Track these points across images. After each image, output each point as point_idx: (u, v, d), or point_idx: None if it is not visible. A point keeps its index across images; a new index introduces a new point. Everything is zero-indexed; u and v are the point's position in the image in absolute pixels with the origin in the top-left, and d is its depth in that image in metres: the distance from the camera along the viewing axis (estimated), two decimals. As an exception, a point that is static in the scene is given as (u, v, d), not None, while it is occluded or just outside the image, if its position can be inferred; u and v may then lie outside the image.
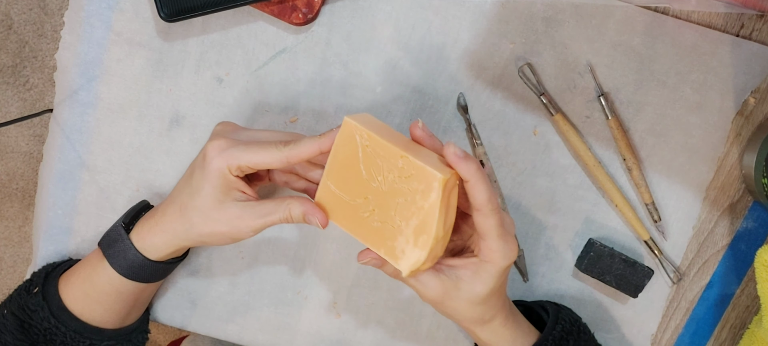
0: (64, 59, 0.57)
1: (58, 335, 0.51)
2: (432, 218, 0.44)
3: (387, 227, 0.45)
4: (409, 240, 0.45)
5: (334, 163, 0.47)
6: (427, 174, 0.43)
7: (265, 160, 0.46)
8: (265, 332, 0.62)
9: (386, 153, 0.45)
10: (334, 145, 0.47)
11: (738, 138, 0.58)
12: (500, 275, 0.47)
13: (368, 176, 0.46)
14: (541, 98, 0.56)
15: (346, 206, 0.47)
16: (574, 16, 0.56)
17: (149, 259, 0.50)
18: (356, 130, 0.45)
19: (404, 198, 0.44)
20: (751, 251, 0.60)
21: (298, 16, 0.54)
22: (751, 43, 0.56)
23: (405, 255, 0.45)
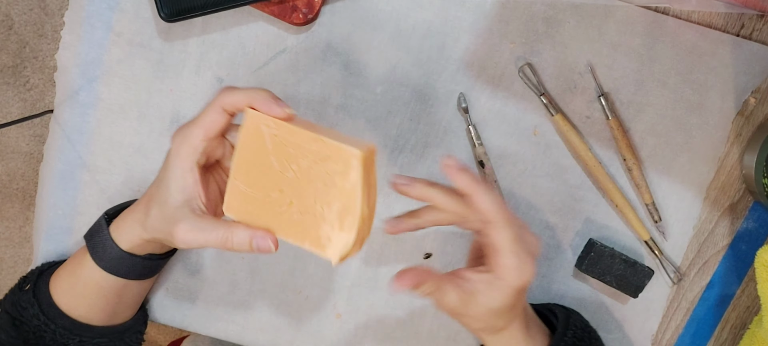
0: (65, 60, 0.57)
1: (48, 332, 0.51)
2: (355, 197, 0.42)
3: (308, 217, 0.43)
4: (334, 225, 0.42)
5: (242, 160, 0.44)
6: (344, 152, 0.41)
7: (207, 119, 0.44)
8: (266, 332, 0.62)
9: (298, 139, 0.42)
10: (239, 141, 0.44)
11: (738, 138, 0.58)
12: (514, 294, 0.45)
13: (281, 166, 0.43)
14: (541, 98, 0.56)
15: (261, 204, 0.44)
16: (575, 16, 0.56)
17: (124, 250, 0.49)
18: (262, 121, 0.43)
19: (323, 182, 0.42)
20: (752, 251, 0.60)
21: (298, 17, 0.54)
22: (752, 43, 0.56)
23: (332, 242, 0.43)
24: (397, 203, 0.59)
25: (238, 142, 0.44)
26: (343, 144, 0.41)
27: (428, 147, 0.58)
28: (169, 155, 0.46)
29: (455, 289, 0.46)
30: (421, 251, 0.60)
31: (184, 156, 0.45)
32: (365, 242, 0.44)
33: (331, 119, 0.58)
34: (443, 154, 0.58)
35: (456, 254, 0.60)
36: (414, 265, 0.47)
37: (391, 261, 0.60)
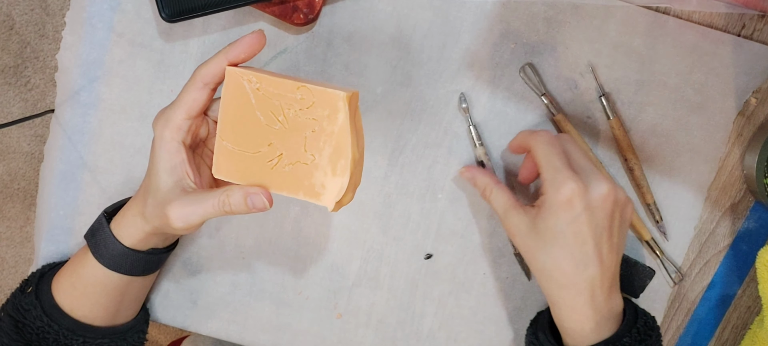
0: (66, 60, 0.57)
1: (51, 333, 0.51)
2: (345, 138, 0.41)
3: (300, 166, 0.43)
4: (327, 171, 0.42)
5: (227, 119, 0.44)
6: (329, 96, 0.41)
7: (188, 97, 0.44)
8: (266, 332, 0.62)
9: (281, 89, 0.42)
10: (223, 100, 0.44)
11: (739, 138, 0.58)
12: (557, 213, 0.46)
13: (267, 120, 0.43)
14: (542, 98, 0.56)
15: (250, 160, 0.44)
16: (575, 16, 0.56)
17: (126, 246, 0.49)
18: (243, 76, 0.43)
19: (311, 129, 0.42)
20: (753, 252, 0.60)
21: (299, 17, 0.54)
22: (753, 43, 0.56)
23: (326, 189, 0.42)
24: (379, 196, 0.59)
25: (221, 101, 0.43)
26: (327, 88, 0.41)
27: (428, 147, 0.58)
28: (154, 141, 0.45)
29: (522, 213, 0.49)
30: (421, 251, 0.60)
31: (169, 138, 0.44)
32: (357, 188, 0.44)
33: (332, 119, 0.58)
34: (444, 154, 0.58)
35: (456, 254, 0.60)
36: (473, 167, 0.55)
37: (391, 261, 0.60)
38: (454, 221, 0.59)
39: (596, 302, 0.48)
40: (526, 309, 0.61)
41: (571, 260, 0.47)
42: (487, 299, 0.61)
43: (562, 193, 0.46)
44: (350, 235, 0.60)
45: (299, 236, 0.60)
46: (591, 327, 0.48)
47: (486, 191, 0.53)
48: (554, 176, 0.47)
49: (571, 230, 0.47)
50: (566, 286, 0.48)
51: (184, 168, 0.45)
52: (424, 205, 0.59)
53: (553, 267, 0.48)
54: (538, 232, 0.48)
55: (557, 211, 0.47)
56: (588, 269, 0.47)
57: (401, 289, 0.61)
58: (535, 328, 0.56)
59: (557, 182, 0.47)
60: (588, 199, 0.46)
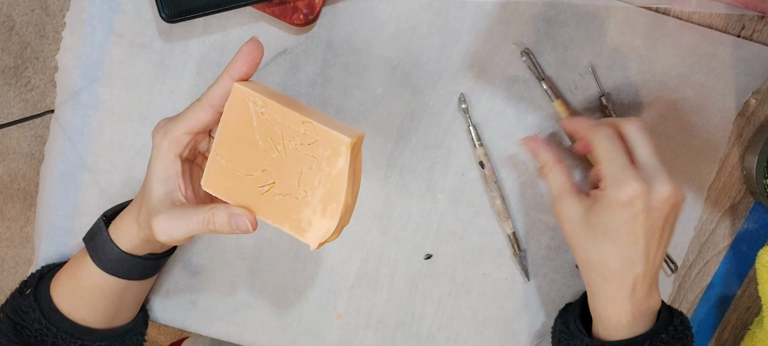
0: (66, 60, 0.57)
1: (49, 336, 0.50)
2: (340, 184, 0.41)
3: (290, 199, 0.42)
4: (317, 211, 0.42)
5: (225, 135, 0.43)
6: (334, 138, 0.40)
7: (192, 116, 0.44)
8: (266, 333, 0.62)
9: (286, 119, 0.41)
10: (225, 116, 0.43)
11: (739, 139, 0.58)
12: (614, 210, 0.45)
13: (265, 145, 0.42)
14: (541, 83, 0.56)
15: (241, 181, 0.43)
16: (575, 17, 0.56)
17: (124, 251, 0.49)
18: (249, 97, 0.42)
19: (308, 166, 0.41)
20: (753, 252, 0.60)
21: (299, 17, 0.54)
22: (752, 44, 0.56)
23: (312, 227, 0.42)
24: (379, 196, 0.59)
25: (223, 116, 0.43)
26: (332, 130, 0.40)
27: (428, 148, 0.58)
28: (152, 150, 0.45)
29: (565, 174, 0.49)
30: (421, 252, 0.60)
31: (166, 149, 0.44)
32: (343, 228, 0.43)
33: (332, 120, 0.58)
34: (443, 154, 0.58)
35: (456, 255, 0.60)
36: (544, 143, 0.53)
37: (391, 261, 0.60)
38: (454, 222, 0.59)
39: (636, 297, 0.48)
40: (526, 309, 0.61)
41: (619, 257, 0.47)
42: (487, 300, 0.61)
43: (624, 192, 0.45)
44: (350, 235, 0.60)
45: (299, 236, 0.60)
46: (628, 320, 0.49)
47: (545, 168, 0.52)
48: (616, 173, 0.46)
49: (626, 229, 0.46)
50: (610, 279, 0.48)
51: (176, 181, 0.45)
52: (423, 205, 0.59)
53: (600, 261, 0.48)
54: (591, 224, 0.47)
55: (615, 208, 0.46)
56: (634, 267, 0.47)
57: (401, 289, 0.61)
58: (565, 317, 0.55)
59: (619, 181, 0.45)
60: (649, 200, 0.46)
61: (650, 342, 0.48)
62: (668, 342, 0.49)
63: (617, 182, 0.45)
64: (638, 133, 0.48)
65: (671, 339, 0.49)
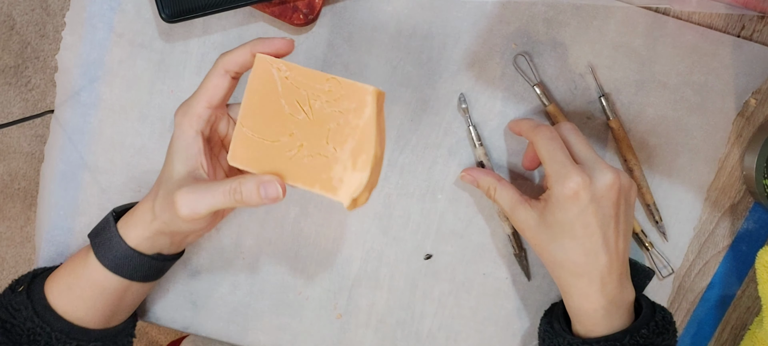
0: (66, 60, 0.57)
1: (43, 335, 0.49)
2: (369, 134, 0.41)
3: (319, 159, 0.42)
4: (347, 166, 0.41)
5: (250, 105, 0.43)
6: (358, 89, 0.41)
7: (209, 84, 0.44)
8: (266, 333, 0.62)
9: (310, 79, 0.42)
10: (249, 85, 0.43)
11: (739, 139, 0.58)
12: (564, 206, 0.47)
13: (291, 109, 0.42)
14: (534, 88, 0.56)
15: (268, 149, 0.43)
16: (575, 17, 0.56)
17: (131, 247, 0.48)
18: (273, 64, 0.42)
19: (336, 122, 0.42)
20: (752, 252, 0.60)
21: (299, 17, 0.54)
22: (752, 44, 0.56)
23: (343, 183, 0.42)
24: (379, 196, 0.59)
25: (247, 87, 0.43)
26: (357, 82, 0.41)
27: (428, 148, 0.58)
28: (173, 132, 0.45)
29: (529, 208, 0.50)
30: (421, 251, 0.60)
31: (187, 126, 0.44)
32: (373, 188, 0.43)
33: (332, 120, 0.58)
34: (444, 154, 0.58)
35: (456, 254, 0.60)
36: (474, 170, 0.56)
37: (391, 261, 0.60)
38: (454, 221, 0.59)
39: (606, 289, 0.49)
40: (526, 309, 0.61)
41: (581, 250, 0.48)
42: (487, 299, 0.61)
43: (568, 187, 0.47)
44: (350, 235, 0.60)
45: (299, 236, 0.60)
46: (601, 314, 0.49)
47: (490, 190, 0.54)
48: (558, 170, 0.47)
49: (580, 222, 0.47)
50: (579, 275, 0.49)
51: (199, 159, 0.44)
52: (424, 205, 0.59)
53: (564, 258, 0.49)
54: (548, 225, 0.49)
55: (564, 204, 0.47)
56: (598, 259, 0.48)
57: (401, 289, 0.61)
58: (549, 317, 0.56)
59: (562, 176, 0.47)
60: (593, 190, 0.47)
61: (631, 337, 0.49)
62: (649, 337, 0.49)
63: (560, 177, 0.47)
64: (572, 133, 0.50)
65: (652, 334, 0.49)
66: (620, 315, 0.50)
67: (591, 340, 0.50)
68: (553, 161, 0.48)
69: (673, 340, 0.52)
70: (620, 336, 0.49)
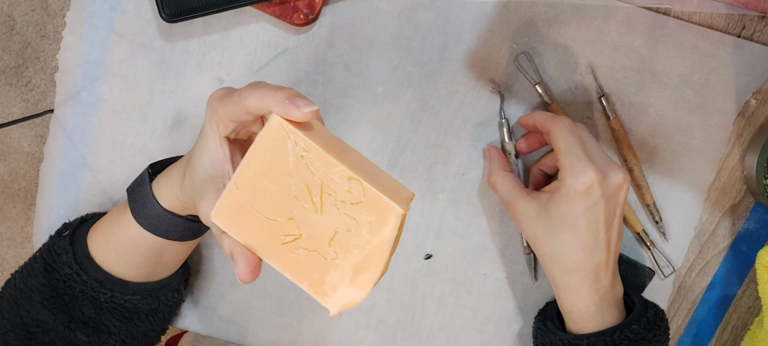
0: (66, 60, 0.57)
1: (78, 282, 0.48)
2: (381, 255, 0.36)
3: (315, 257, 0.37)
4: (345, 276, 0.37)
5: (252, 169, 0.37)
6: (384, 205, 0.35)
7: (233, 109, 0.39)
8: (267, 333, 0.62)
9: (330, 170, 0.36)
10: (254, 147, 0.37)
11: (739, 139, 0.58)
12: (573, 200, 0.47)
13: (298, 193, 0.36)
14: (536, 87, 0.56)
15: (260, 224, 0.37)
16: (576, 17, 0.56)
17: (164, 209, 0.46)
18: (290, 135, 0.36)
19: (346, 227, 0.36)
20: (753, 252, 0.60)
21: (299, 17, 0.54)
22: (753, 44, 0.56)
23: (336, 293, 0.37)
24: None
25: (252, 147, 0.37)
26: (383, 195, 0.35)
27: (429, 148, 0.58)
28: (204, 121, 0.42)
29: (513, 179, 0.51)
30: (421, 251, 0.60)
31: (214, 126, 0.41)
32: None
33: (332, 120, 0.58)
34: (444, 154, 0.58)
35: (456, 255, 0.60)
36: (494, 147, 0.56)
37: (391, 261, 0.60)
38: (454, 221, 0.59)
39: (600, 285, 0.49)
40: (526, 309, 0.61)
41: (580, 246, 0.48)
42: (487, 299, 0.61)
43: (582, 181, 0.46)
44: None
45: (299, 236, 0.60)
46: (593, 311, 0.50)
47: (491, 175, 0.54)
48: (574, 163, 0.47)
49: (586, 217, 0.47)
50: (572, 271, 0.49)
51: (226, 166, 0.41)
52: (424, 205, 0.59)
53: (561, 253, 0.49)
54: (549, 217, 0.49)
55: (574, 197, 0.47)
56: (596, 255, 0.48)
57: (401, 289, 0.61)
58: (543, 316, 0.57)
59: (577, 170, 0.47)
60: (605, 187, 0.47)
61: (621, 332, 0.49)
62: (640, 333, 0.50)
63: (576, 170, 0.47)
64: (584, 132, 0.50)
65: (644, 330, 0.50)
66: (611, 311, 0.51)
67: (582, 336, 0.50)
68: (570, 153, 0.47)
69: (665, 336, 0.52)
70: (611, 332, 0.49)
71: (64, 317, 0.49)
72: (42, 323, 0.48)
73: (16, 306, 0.49)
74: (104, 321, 0.50)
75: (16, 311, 0.49)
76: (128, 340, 0.52)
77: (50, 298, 0.49)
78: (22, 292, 0.50)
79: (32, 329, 0.49)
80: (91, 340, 0.49)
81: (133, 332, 0.52)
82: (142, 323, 0.52)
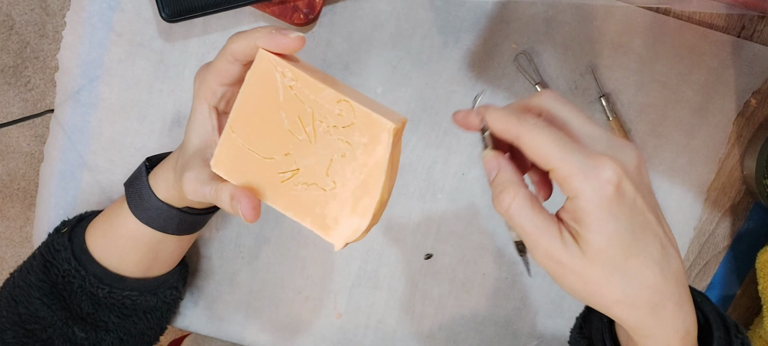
0: (66, 60, 0.57)
1: (77, 278, 0.48)
2: (377, 176, 0.35)
3: (315, 190, 0.37)
4: (346, 206, 0.36)
5: (245, 109, 0.37)
6: (374, 123, 0.35)
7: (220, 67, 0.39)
8: (266, 332, 0.62)
9: (319, 96, 0.36)
10: (245, 85, 0.37)
11: (739, 139, 0.58)
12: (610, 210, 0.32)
13: (291, 125, 0.36)
14: (536, 87, 0.56)
15: (258, 165, 0.37)
16: (575, 17, 0.56)
17: (161, 200, 0.46)
18: (277, 67, 0.36)
19: (341, 153, 0.36)
20: (752, 252, 0.60)
21: (299, 17, 0.54)
22: (753, 44, 0.56)
23: (339, 225, 0.36)
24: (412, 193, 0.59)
25: (243, 86, 0.37)
26: (373, 112, 0.35)
27: (429, 147, 0.58)
28: (193, 98, 0.43)
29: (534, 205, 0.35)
30: (421, 251, 0.60)
31: (202, 98, 0.41)
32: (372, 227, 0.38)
33: (332, 120, 0.58)
34: (443, 154, 0.58)
35: (456, 255, 0.60)
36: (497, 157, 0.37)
37: (391, 261, 0.60)
38: (454, 222, 0.59)
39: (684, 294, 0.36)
40: (526, 309, 0.61)
41: (653, 263, 0.34)
42: (487, 300, 0.61)
43: (603, 184, 0.32)
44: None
45: (299, 236, 0.60)
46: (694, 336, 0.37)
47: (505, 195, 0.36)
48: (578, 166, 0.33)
49: (638, 225, 0.34)
50: (662, 302, 0.35)
51: (213, 137, 0.42)
52: (424, 205, 0.59)
53: (639, 288, 0.34)
54: (598, 256, 0.33)
55: (609, 211, 0.33)
56: (672, 263, 0.35)
57: (401, 289, 0.61)
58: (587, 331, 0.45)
59: (585, 171, 0.33)
60: (630, 174, 0.34)
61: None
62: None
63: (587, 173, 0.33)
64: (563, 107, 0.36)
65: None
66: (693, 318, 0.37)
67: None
68: (564, 161, 0.33)
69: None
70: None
71: (63, 313, 0.49)
72: (40, 319, 0.49)
73: (15, 303, 0.49)
74: (102, 317, 0.50)
75: (14, 309, 0.49)
76: (126, 338, 0.52)
77: (49, 294, 0.49)
78: (20, 289, 0.50)
79: (30, 326, 0.49)
80: (89, 336, 0.49)
81: (131, 330, 0.52)
82: (140, 320, 0.52)
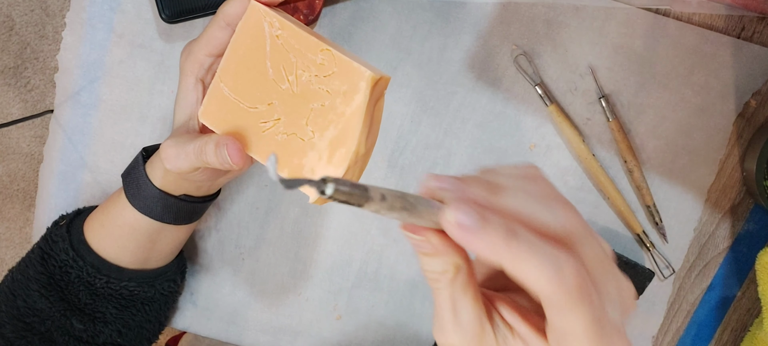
0: (66, 61, 0.57)
1: (75, 268, 0.49)
2: (354, 126, 0.35)
3: (294, 140, 0.37)
4: (322, 156, 0.36)
5: (233, 60, 0.38)
6: (353, 70, 0.35)
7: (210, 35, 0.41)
8: (266, 333, 0.62)
9: (303, 45, 0.36)
10: (235, 36, 0.38)
11: (739, 140, 0.58)
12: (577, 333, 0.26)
13: (276, 74, 0.37)
14: (536, 88, 0.56)
15: (243, 115, 0.38)
16: (576, 18, 0.56)
17: (157, 188, 0.46)
18: (266, 17, 0.37)
19: (320, 102, 0.36)
20: (752, 254, 0.60)
21: (299, 18, 0.54)
22: (753, 45, 0.56)
23: (314, 175, 0.36)
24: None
25: (233, 37, 0.38)
26: (353, 61, 0.35)
27: (429, 148, 0.58)
28: (180, 74, 0.44)
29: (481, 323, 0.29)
30: (421, 252, 0.60)
31: (189, 72, 0.42)
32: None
33: (332, 120, 0.58)
34: (444, 155, 0.58)
35: (456, 256, 0.60)
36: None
37: (391, 262, 0.60)
38: (454, 223, 0.59)
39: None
40: (525, 311, 0.61)
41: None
42: (487, 301, 0.61)
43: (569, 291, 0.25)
44: (350, 236, 0.60)
45: (299, 236, 0.60)
46: None
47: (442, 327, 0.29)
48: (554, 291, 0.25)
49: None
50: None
51: (196, 108, 0.42)
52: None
53: None
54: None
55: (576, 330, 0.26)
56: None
57: (401, 291, 0.61)
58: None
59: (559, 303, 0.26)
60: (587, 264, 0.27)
61: None
62: None
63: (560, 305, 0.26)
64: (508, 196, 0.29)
65: None
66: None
67: None
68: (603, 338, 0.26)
69: None
70: None
71: (61, 305, 0.49)
72: (38, 312, 0.49)
73: (14, 297, 0.50)
74: (100, 308, 0.50)
75: (13, 303, 0.49)
76: (124, 330, 0.52)
77: (46, 285, 0.49)
78: (19, 282, 0.50)
79: (29, 319, 0.49)
80: (87, 328, 0.50)
81: (129, 322, 0.52)
82: (138, 312, 0.52)
